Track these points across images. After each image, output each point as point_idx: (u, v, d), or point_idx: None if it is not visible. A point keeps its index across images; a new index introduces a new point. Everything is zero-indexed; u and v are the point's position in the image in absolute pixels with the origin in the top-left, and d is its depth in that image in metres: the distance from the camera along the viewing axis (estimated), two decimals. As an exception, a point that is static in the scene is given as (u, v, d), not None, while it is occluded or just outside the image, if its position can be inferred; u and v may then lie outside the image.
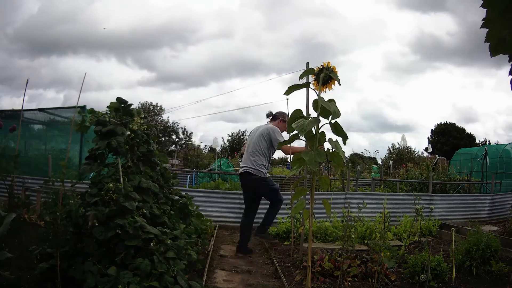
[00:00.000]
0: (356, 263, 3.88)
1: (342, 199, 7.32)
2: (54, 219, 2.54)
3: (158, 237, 2.82)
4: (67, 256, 2.60)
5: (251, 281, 3.77)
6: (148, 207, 3.24)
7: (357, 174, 11.39)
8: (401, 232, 5.88)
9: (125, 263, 2.57)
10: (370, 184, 10.69)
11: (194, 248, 3.38)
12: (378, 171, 16.07)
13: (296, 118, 1.98)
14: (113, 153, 3.21)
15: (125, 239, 2.64)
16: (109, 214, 2.72)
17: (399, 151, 26.81)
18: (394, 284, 3.67)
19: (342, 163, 2.04)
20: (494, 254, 3.99)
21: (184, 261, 2.85)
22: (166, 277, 2.56)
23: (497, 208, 8.79)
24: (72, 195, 2.71)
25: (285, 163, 33.48)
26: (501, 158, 14.18)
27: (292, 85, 2.03)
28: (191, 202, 4.44)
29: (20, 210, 2.89)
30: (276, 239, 5.38)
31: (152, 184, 3.37)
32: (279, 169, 24.23)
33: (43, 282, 2.62)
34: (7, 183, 2.91)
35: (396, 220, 6.61)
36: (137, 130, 3.47)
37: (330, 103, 1.97)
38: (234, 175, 13.79)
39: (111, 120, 3.23)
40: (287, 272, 4.01)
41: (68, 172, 2.91)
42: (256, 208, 5.00)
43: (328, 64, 2.03)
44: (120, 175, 3.06)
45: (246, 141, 4.92)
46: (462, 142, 31.19)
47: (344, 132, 1.97)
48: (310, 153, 1.93)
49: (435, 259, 3.71)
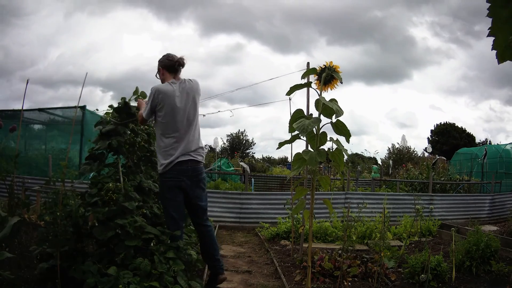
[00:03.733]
0: (356, 263, 3.88)
1: (342, 199, 7.32)
2: (54, 219, 2.54)
3: (158, 237, 2.82)
4: (67, 256, 2.60)
5: (251, 281, 3.77)
6: (149, 207, 3.24)
7: (357, 174, 11.39)
8: (401, 232, 5.89)
9: (125, 263, 2.57)
10: (370, 184, 10.69)
11: (194, 248, 3.37)
12: (378, 171, 16.06)
13: (297, 118, 1.98)
14: (113, 153, 3.21)
15: (125, 239, 2.64)
16: (109, 214, 2.72)
17: (399, 151, 26.81)
18: (394, 284, 3.67)
19: (344, 162, 2.04)
20: (494, 254, 3.99)
21: (184, 261, 2.85)
22: (166, 277, 2.56)
23: (497, 208, 8.80)
24: (72, 195, 2.71)
25: (285, 163, 33.49)
26: (501, 158, 14.18)
27: (294, 85, 2.03)
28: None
29: (20, 210, 2.89)
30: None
31: (152, 184, 3.37)
32: (279, 169, 24.23)
33: (43, 282, 2.62)
34: (7, 183, 2.91)
35: (396, 220, 6.61)
36: (138, 130, 3.47)
37: (332, 102, 1.96)
38: (234, 175, 13.82)
39: (112, 120, 3.22)
40: (287, 272, 4.01)
41: (68, 172, 2.91)
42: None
43: (331, 64, 2.03)
44: (120, 175, 3.06)
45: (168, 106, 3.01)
46: (462, 142, 31.18)
47: (347, 129, 1.97)
48: (310, 153, 1.93)
49: (435, 259, 3.71)
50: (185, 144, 3.00)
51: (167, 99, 2.98)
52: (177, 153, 2.96)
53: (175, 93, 3.02)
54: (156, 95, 2.98)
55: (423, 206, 6.14)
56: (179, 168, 2.96)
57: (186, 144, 3.01)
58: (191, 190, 3.05)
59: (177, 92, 3.03)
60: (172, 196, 3.02)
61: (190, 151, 3.02)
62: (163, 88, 3.02)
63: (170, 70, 3.13)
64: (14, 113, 8.93)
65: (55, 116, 9.58)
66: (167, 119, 2.99)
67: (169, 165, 2.96)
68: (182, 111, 3.01)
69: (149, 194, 3.36)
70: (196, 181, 3.06)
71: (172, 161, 2.96)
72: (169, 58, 3.15)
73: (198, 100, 3.15)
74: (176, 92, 3.02)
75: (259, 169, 21.83)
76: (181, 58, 3.15)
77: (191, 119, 3.06)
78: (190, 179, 3.02)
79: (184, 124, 3.02)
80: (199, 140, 3.12)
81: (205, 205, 3.19)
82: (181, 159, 2.97)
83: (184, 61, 3.16)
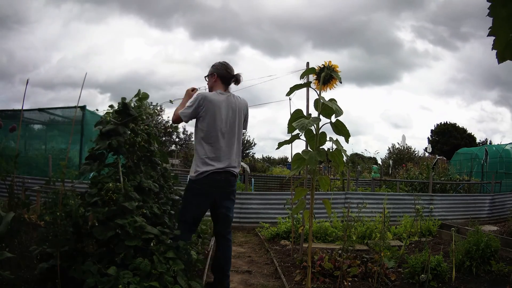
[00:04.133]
0: (356, 263, 3.88)
1: (342, 199, 7.32)
2: (54, 219, 2.54)
3: (158, 237, 2.82)
4: (67, 256, 2.60)
5: (251, 281, 3.78)
6: (149, 207, 3.24)
7: (357, 174, 11.39)
8: (401, 232, 5.89)
9: (125, 263, 2.57)
10: (370, 184, 10.69)
11: (194, 248, 3.37)
12: (378, 171, 16.06)
13: (296, 117, 1.98)
14: (113, 153, 3.21)
15: (125, 239, 2.64)
16: (109, 214, 2.72)
17: (399, 151, 26.83)
18: (394, 284, 3.67)
19: (343, 162, 2.04)
20: (494, 254, 3.99)
21: (184, 261, 2.85)
22: (166, 277, 2.56)
23: (497, 208, 8.80)
24: (72, 195, 2.71)
25: (285, 163, 33.52)
26: (501, 158, 14.18)
27: (294, 85, 2.03)
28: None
29: (20, 210, 2.89)
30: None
31: (152, 184, 3.37)
32: (279, 169, 24.25)
33: (43, 282, 2.62)
34: (7, 183, 2.91)
35: (396, 220, 6.61)
36: (138, 130, 3.47)
37: (331, 102, 1.97)
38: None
39: (112, 120, 3.22)
40: (287, 272, 4.01)
41: (68, 172, 2.91)
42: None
43: (330, 63, 2.03)
44: (120, 175, 3.06)
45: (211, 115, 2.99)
46: (462, 142, 31.18)
47: (346, 129, 1.97)
48: (310, 152, 1.93)
49: (435, 259, 3.71)
50: (225, 156, 2.97)
51: (212, 108, 2.95)
52: (216, 164, 2.93)
53: (222, 104, 3.00)
54: (202, 101, 2.95)
55: (423, 206, 6.14)
56: (213, 178, 2.93)
57: (226, 156, 2.97)
58: (220, 201, 3.03)
59: (223, 104, 3.01)
60: (196, 203, 3.00)
61: (229, 164, 2.99)
62: (211, 97, 3.00)
63: (224, 81, 3.12)
64: (14, 113, 8.93)
65: (55, 116, 9.58)
66: (208, 128, 2.95)
67: (204, 174, 2.92)
68: (225, 123, 2.98)
69: (149, 194, 3.35)
70: (227, 193, 3.05)
71: (208, 170, 2.92)
72: (228, 69, 3.14)
73: (242, 118, 3.13)
74: (223, 103, 3.01)
75: (259, 169, 21.85)
76: (238, 75, 3.15)
77: (233, 134, 3.04)
78: (220, 190, 3.00)
79: (226, 137, 2.99)
80: (238, 155, 3.10)
81: (232, 217, 3.16)
82: (217, 170, 2.93)
83: (240, 79, 3.16)
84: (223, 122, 2.98)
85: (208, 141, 2.96)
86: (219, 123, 2.96)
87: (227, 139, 2.99)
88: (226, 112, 3.00)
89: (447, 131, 34.54)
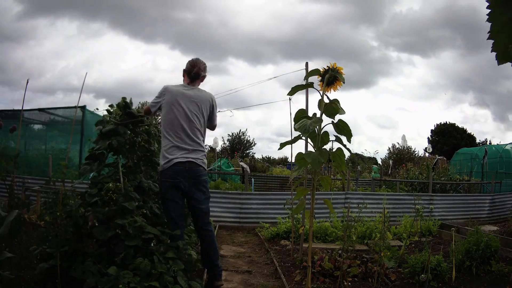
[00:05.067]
0: (356, 263, 3.88)
1: (342, 199, 7.33)
2: (54, 219, 2.54)
3: (158, 237, 2.82)
4: (67, 256, 2.60)
5: (251, 281, 3.77)
6: (149, 207, 3.24)
7: (357, 174, 11.39)
8: (401, 232, 5.89)
9: (125, 263, 2.56)
10: (370, 184, 10.68)
11: (194, 248, 3.37)
12: (378, 171, 16.06)
13: (299, 118, 1.98)
14: (113, 153, 3.21)
15: (125, 239, 2.64)
16: (109, 214, 2.72)
17: (399, 151, 26.82)
18: (394, 284, 3.67)
19: (345, 162, 2.04)
20: (494, 254, 3.99)
21: (184, 261, 2.85)
22: (166, 277, 2.56)
23: (497, 208, 8.80)
24: (72, 195, 2.70)
25: (285, 163, 33.49)
26: (501, 158, 14.17)
27: (296, 85, 2.03)
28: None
29: (20, 210, 2.89)
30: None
31: (152, 184, 3.37)
32: (279, 169, 24.24)
33: (43, 282, 2.62)
34: (7, 183, 2.90)
35: (396, 220, 6.62)
36: (138, 130, 3.46)
37: (334, 103, 1.97)
38: (234, 175, 13.81)
39: (112, 120, 3.22)
40: (287, 272, 4.01)
41: (68, 172, 2.91)
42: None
43: (334, 65, 2.03)
44: (120, 175, 3.06)
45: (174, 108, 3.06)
46: (462, 142, 31.16)
47: (349, 129, 1.97)
48: (313, 154, 1.93)
49: (435, 259, 3.71)
50: (187, 147, 3.01)
51: (170, 99, 3.03)
52: (176, 154, 2.97)
53: (182, 96, 3.05)
54: (164, 91, 3.08)
55: (423, 206, 6.14)
56: (176, 168, 2.96)
57: (187, 146, 3.01)
58: (190, 193, 3.04)
59: (184, 95, 3.06)
60: (170, 197, 3.03)
61: (189, 154, 3.01)
62: (171, 88, 3.09)
63: (189, 75, 3.19)
64: (14, 113, 8.93)
65: (55, 116, 9.57)
66: (168, 118, 3.02)
67: (167, 165, 2.97)
68: (184, 115, 3.02)
69: (149, 194, 3.35)
70: (195, 184, 3.05)
71: (170, 160, 2.96)
72: (191, 63, 3.20)
73: (207, 110, 3.16)
74: (184, 95, 3.06)
75: (259, 169, 21.84)
76: (198, 70, 3.16)
77: (195, 125, 3.06)
78: (188, 181, 3.01)
79: (186, 128, 3.02)
80: (200, 145, 3.11)
81: (206, 208, 3.16)
82: (179, 160, 2.97)
83: (200, 74, 3.18)
84: (182, 113, 3.02)
85: (169, 133, 3.02)
86: (178, 114, 3.01)
87: (189, 130, 3.03)
88: (186, 104, 3.04)
89: (447, 131, 34.51)
